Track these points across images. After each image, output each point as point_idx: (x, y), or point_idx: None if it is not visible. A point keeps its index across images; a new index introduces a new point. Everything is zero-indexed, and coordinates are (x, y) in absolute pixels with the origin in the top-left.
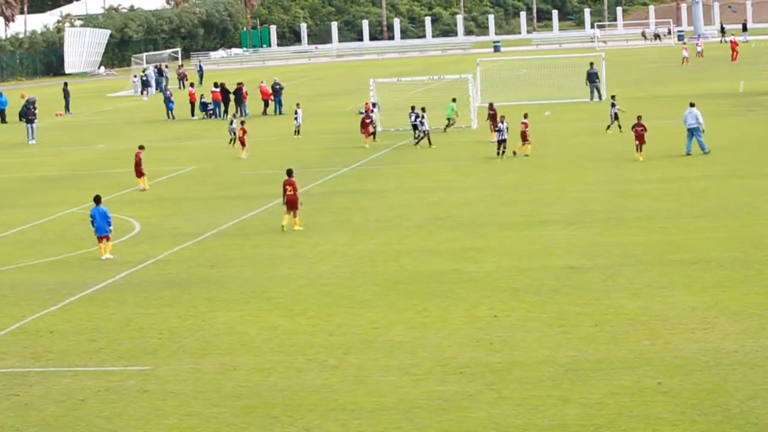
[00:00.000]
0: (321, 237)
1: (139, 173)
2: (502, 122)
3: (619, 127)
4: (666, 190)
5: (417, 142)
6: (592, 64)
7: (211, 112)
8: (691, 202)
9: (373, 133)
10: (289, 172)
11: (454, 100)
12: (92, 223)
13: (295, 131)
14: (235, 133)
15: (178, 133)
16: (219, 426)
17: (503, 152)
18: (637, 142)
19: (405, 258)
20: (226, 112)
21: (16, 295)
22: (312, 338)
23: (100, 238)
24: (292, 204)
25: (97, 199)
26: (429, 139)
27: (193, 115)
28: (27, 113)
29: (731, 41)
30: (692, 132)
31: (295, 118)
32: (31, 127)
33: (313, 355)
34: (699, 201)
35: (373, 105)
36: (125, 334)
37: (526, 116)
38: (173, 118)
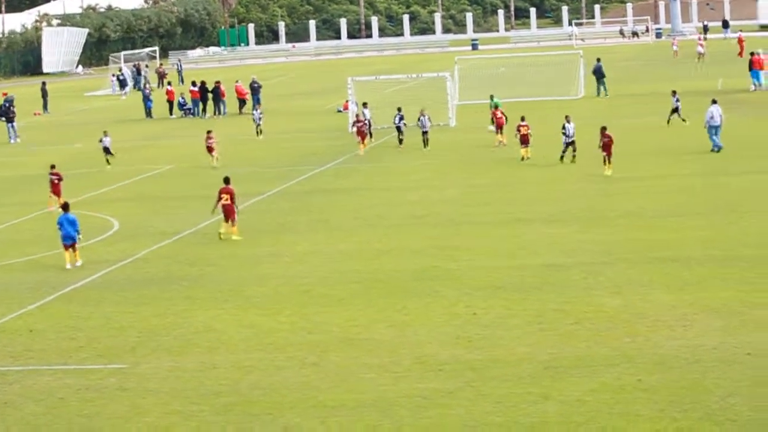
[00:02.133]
0: (299, 236)
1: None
2: (569, 122)
3: (683, 120)
4: (649, 187)
5: (401, 143)
6: (599, 59)
7: (189, 110)
8: (675, 200)
9: (369, 134)
10: (227, 180)
11: (492, 97)
12: (59, 229)
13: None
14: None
15: (157, 131)
16: (199, 424)
17: (573, 156)
18: (605, 154)
19: (384, 256)
20: (204, 110)
21: None
22: (291, 336)
23: (66, 247)
24: (228, 213)
25: (65, 206)
26: (425, 139)
27: (171, 113)
28: (7, 112)
29: (739, 37)
30: (714, 129)
31: (253, 120)
32: (12, 126)
33: (293, 352)
34: (683, 199)
35: (364, 105)
36: (104, 332)
37: (523, 119)
38: (151, 116)
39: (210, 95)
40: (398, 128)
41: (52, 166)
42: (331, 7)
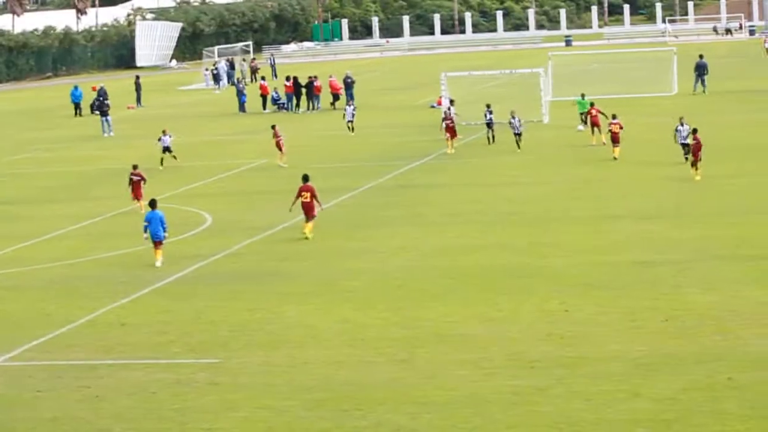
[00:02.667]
0: (393, 231)
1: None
2: (682, 124)
3: None
4: (737, 185)
5: (492, 141)
6: (701, 55)
7: (283, 105)
8: (761, 198)
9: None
10: (306, 178)
11: (583, 96)
12: (145, 228)
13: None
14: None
15: (250, 126)
16: (290, 419)
17: (686, 158)
18: (693, 158)
19: (477, 252)
20: (297, 105)
21: (87, 288)
22: (383, 332)
23: (155, 244)
24: (309, 210)
25: (153, 203)
26: (518, 142)
27: (264, 108)
28: (101, 106)
29: None
30: None
31: (344, 116)
32: (106, 120)
33: (384, 348)
34: None
35: (451, 102)
36: (196, 327)
37: (614, 117)
38: (245, 111)
39: (303, 90)
40: (489, 125)
41: (134, 167)
42: (424, 3)
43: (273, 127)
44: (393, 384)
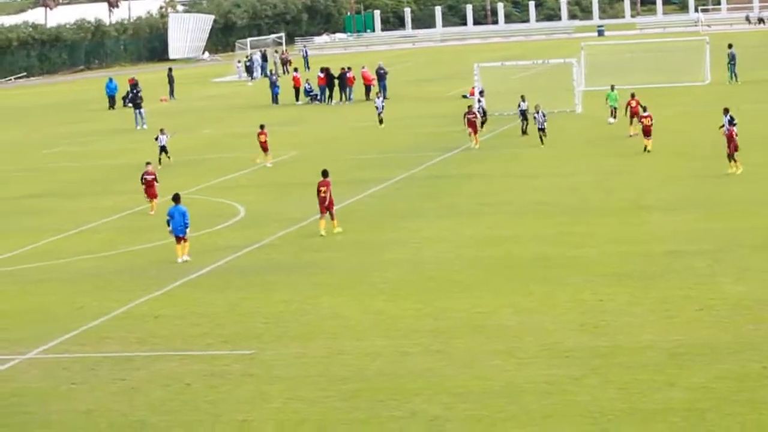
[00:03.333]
0: (425, 222)
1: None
2: (726, 115)
3: None
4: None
5: (524, 132)
6: (731, 45)
7: (316, 97)
8: None
9: (483, 122)
10: (324, 173)
11: (613, 88)
12: (168, 222)
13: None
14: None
15: (283, 118)
16: (325, 410)
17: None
18: (729, 152)
19: (509, 243)
20: (330, 97)
21: (120, 281)
22: (417, 322)
23: (178, 239)
24: (328, 205)
25: (176, 198)
26: (542, 137)
27: (297, 100)
28: (134, 98)
29: None
30: None
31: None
32: (140, 113)
33: (419, 339)
34: None
35: (480, 93)
36: (230, 318)
37: (645, 109)
38: (278, 103)
39: (336, 81)
40: (523, 115)
41: (147, 164)
42: None
43: (261, 126)
44: (428, 374)
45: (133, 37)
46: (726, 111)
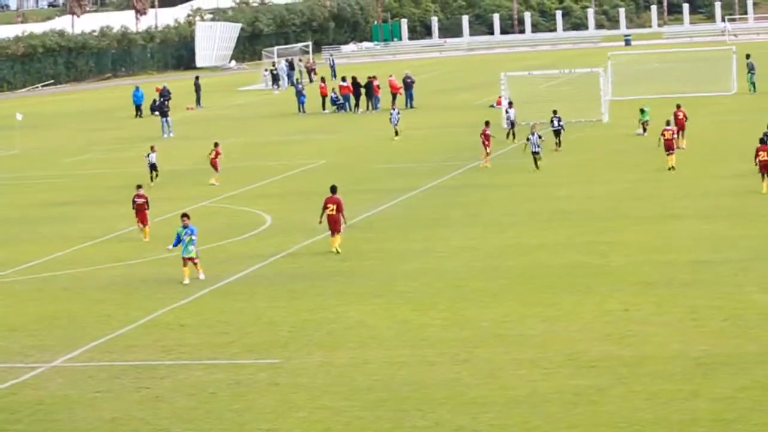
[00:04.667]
0: (452, 231)
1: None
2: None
3: None
4: None
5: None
6: (748, 55)
7: (342, 106)
8: None
9: (510, 133)
10: (333, 189)
11: (642, 110)
12: (177, 241)
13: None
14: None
15: (309, 127)
16: (350, 419)
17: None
18: (762, 172)
19: (535, 252)
20: (357, 105)
21: (146, 289)
22: (443, 332)
23: (185, 260)
24: (334, 223)
25: (186, 216)
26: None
27: (324, 108)
28: (161, 106)
29: None
30: None
31: (390, 119)
32: (166, 121)
33: (444, 348)
34: None
35: (509, 104)
36: (256, 327)
37: (669, 123)
38: (304, 111)
39: (363, 90)
40: (556, 133)
41: (139, 187)
42: (484, 3)
43: (215, 144)
44: (453, 384)
45: (160, 45)
46: None
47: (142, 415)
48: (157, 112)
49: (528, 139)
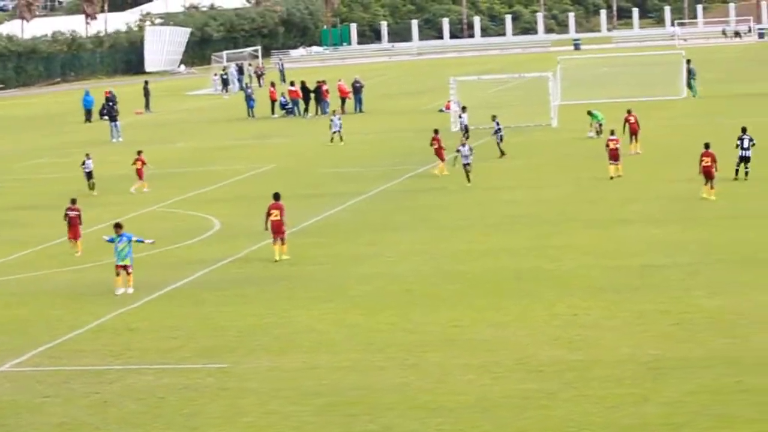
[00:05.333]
0: (401, 235)
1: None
2: (744, 134)
3: None
4: (743, 188)
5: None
6: (689, 60)
7: (291, 110)
8: None
9: (466, 138)
10: (276, 196)
11: (590, 112)
12: (117, 250)
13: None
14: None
15: (259, 131)
16: (298, 424)
17: (746, 173)
18: (706, 178)
19: (485, 256)
20: (306, 110)
21: (95, 293)
22: (392, 336)
23: (119, 268)
24: (277, 230)
25: (119, 226)
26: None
27: (273, 113)
28: (110, 111)
29: None
30: None
31: (330, 126)
32: (115, 125)
33: (393, 353)
34: None
35: (463, 109)
36: (204, 332)
37: (613, 133)
38: (254, 116)
39: (312, 95)
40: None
41: (73, 201)
42: (433, 7)
43: (138, 152)
44: (402, 389)
45: (109, 49)
46: (744, 130)
47: (90, 420)
48: (106, 117)
49: (458, 151)
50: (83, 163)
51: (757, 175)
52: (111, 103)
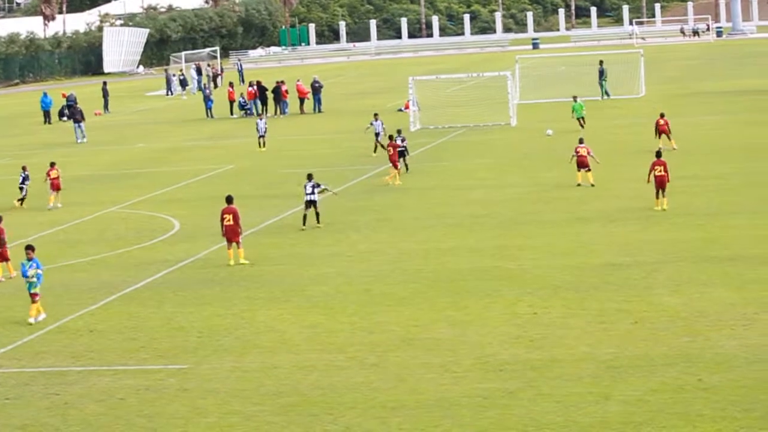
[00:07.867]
0: (361, 235)
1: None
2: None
3: None
4: (703, 186)
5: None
6: (601, 61)
7: (249, 110)
8: (733, 199)
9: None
10: (229, 199)
11: (575, 98)
12: (26, 278)
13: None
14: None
15: (217, 131)
16: (259, 424)
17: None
18: (658, 189)
19: (445, 256)
20: (265, 110)
21: (55, 295)
22: (352, 336)
23: (32, 295)
24: (232, 235)
25: (31, 249)
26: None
27: (232, 113)
28: (74, 112)
29: None
30: None
31: (257, 129)
32: (80, 127)
33: (353, 353)
34: (736, 198)
35: (375, 117)
36: (165, 332)
37: (581, 141)
38: (212, 116)
39: (271, 95)
40: (401, 154)
41: None
42: (391, 7)
43: (52, 164)
44: (362, 388)
45: (68, 50)
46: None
47: (51, 422)
48: (65, 118)
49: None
50: (22, 174)
51: (705, 174)
52: (72, 105)
